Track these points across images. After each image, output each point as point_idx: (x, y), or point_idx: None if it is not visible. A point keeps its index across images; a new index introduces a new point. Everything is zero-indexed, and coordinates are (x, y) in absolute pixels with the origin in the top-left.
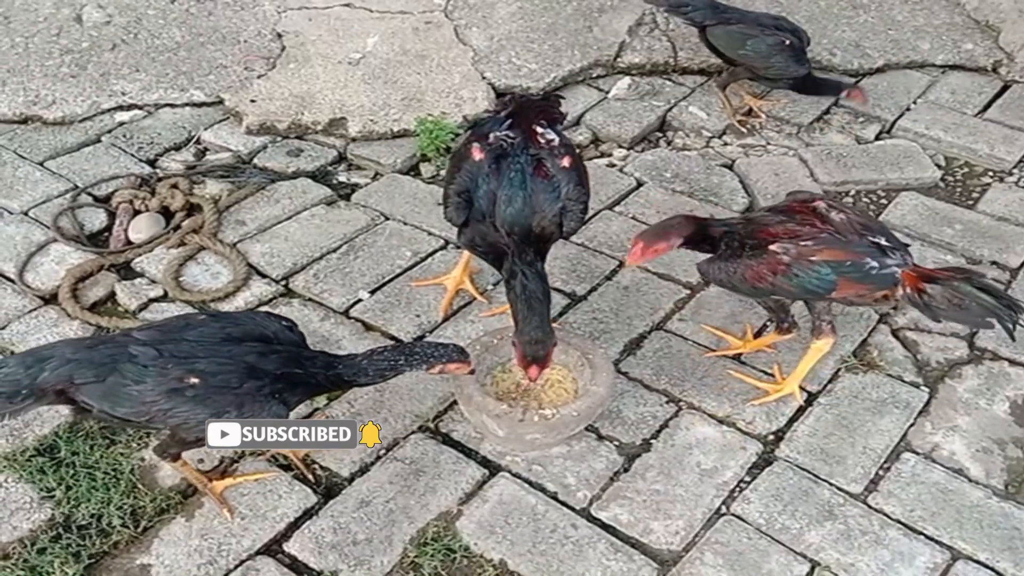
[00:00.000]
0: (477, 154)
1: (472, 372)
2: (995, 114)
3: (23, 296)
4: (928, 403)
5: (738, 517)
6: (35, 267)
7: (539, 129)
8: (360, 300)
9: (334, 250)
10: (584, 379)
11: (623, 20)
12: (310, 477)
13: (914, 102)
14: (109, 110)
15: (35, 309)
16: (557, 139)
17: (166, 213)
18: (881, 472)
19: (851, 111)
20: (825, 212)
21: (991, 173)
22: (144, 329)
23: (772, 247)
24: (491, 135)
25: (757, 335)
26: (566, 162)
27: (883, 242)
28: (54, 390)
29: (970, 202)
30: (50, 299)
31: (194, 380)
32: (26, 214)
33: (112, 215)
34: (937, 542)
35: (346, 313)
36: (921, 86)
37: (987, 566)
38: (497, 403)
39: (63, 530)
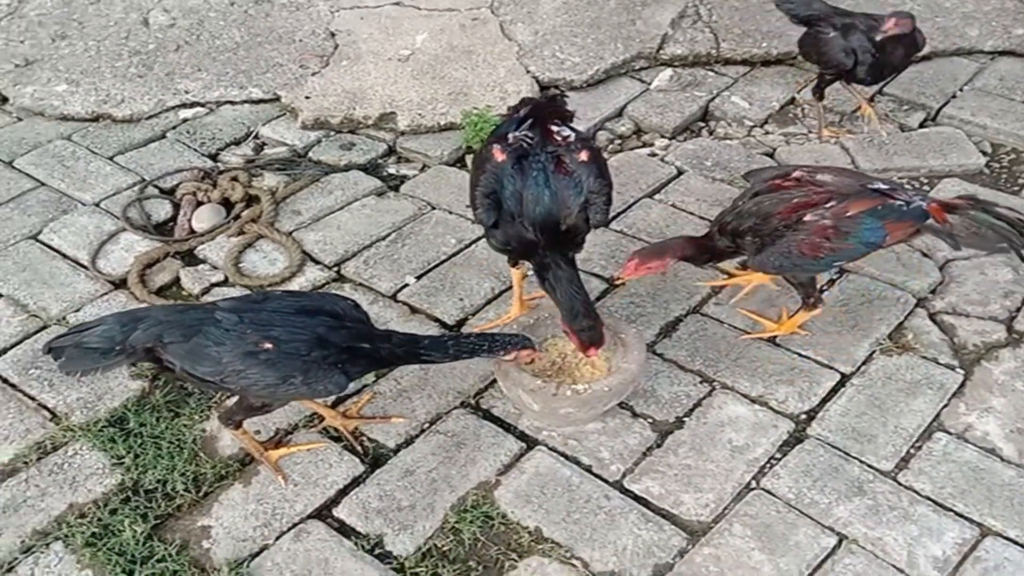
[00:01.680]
0: (499, 155)
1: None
2: None
3: (95, 281)
4: (963, 385)
5: (767, 491)
6: (106, 254)
7: (554, 127)
8: (407, 285)
9: (383, 238)
10: (617, 358)
11: (666, 13)
12: (358, 448)
13: (960, 89)
14: (173, 107)
15: (106, 293)
16: (573, 135)
17: (227, 204)
18: (912, 451)
19: (896, 99)
20: (811, 178)
21: None
22: (228, 300)
23: (806, 218)
24: (510, 135)
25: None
26: (584, 156)
27: (881, 185)
28: (144, 348)
29: (1016, 188)
30: (120, 284)
31: (268, 345)
32: (97, 205)
33: (176, 206)
34: (966, 519)
35: (393, 297)
36: (968, 73)
37: (1017, 543)
38: (532, 379)
39: (132, 494)
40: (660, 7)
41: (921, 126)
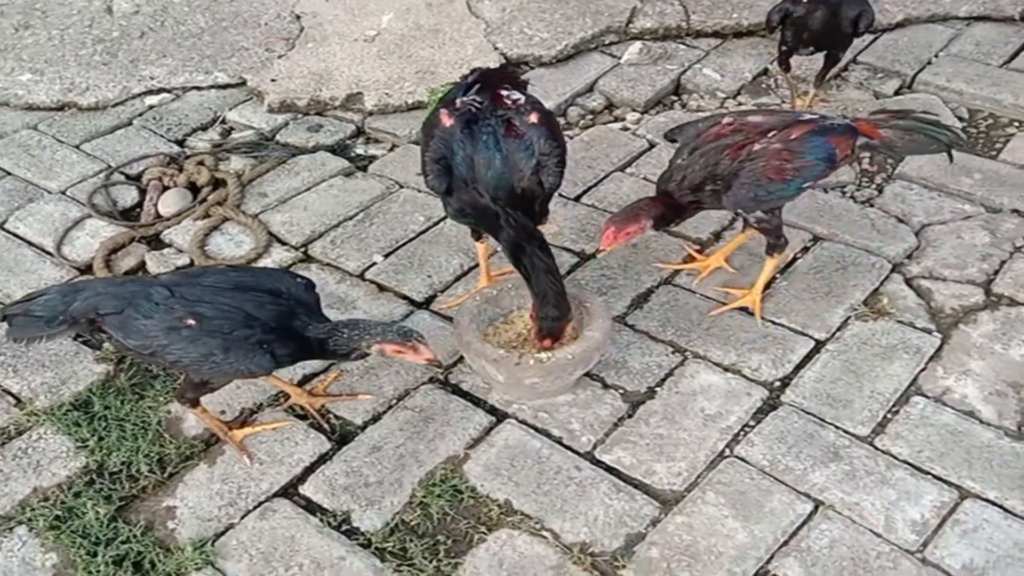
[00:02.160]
0: (447, 120)
1: (428, 361)
2: (1022, 64)
3: (61, 267)
4: (940, 348)
5: (741, 459)
6: (72, 241)
7: (504, 92)
8: (375, 263)
9: (350, 218)
10: (582, 327)
11: None
12: (325, 426)
13: (936, 55)
14: (139, 94)
15: (71, 279)
16: (523, 98)
17: (193, 188)
18: (889, 415)
19: (870, 67)
20: (744, 120)
21: (1017, 123)
22: (168, 274)
23: (755, 148)
24: (457, 100)
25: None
26: (534, 118)
27: (809, 115)
28: (85, 318)
29: (993, 152)
30: (85, 270)
31: (191, 321)
32: (64, 193)
33: (143, 192)
34: (945, 481)
35: (361, 276)
36: (944, 39)
37: (996, 504)
38: (495, 349)
39: (96, 476)
40: None
41: (896, 93)
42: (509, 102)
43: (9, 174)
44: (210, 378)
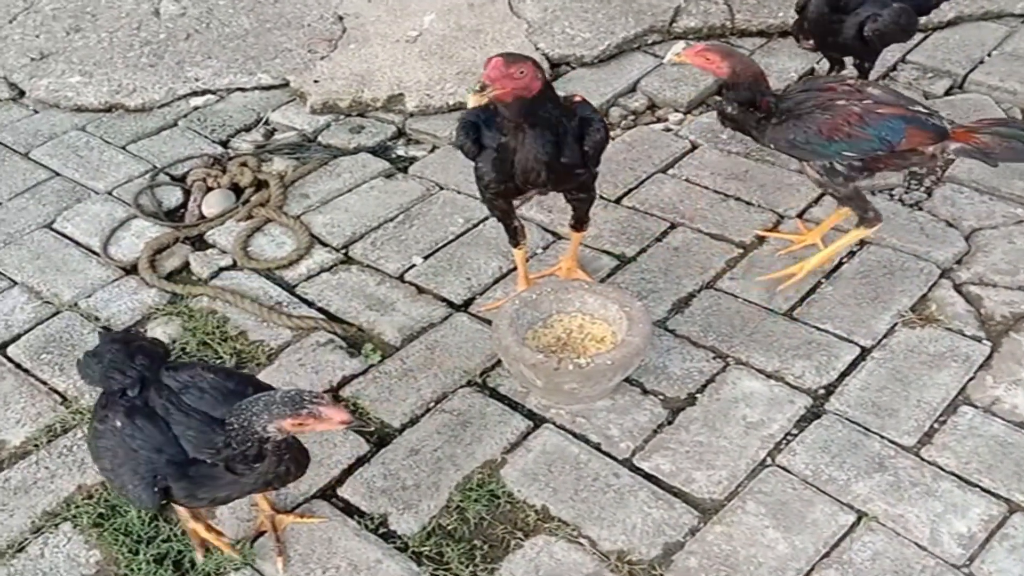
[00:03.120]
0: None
1: (343, 423)
2: None
3: (107, 267)
4: (990, 357)
5: (783, 468)
6: (117, 241)
7: None
8: (414, 265)
9: (391, 219)
10: (622, 332)
11: None
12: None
13: (988, 54)
14: (184, 96)
15: (117, 279)
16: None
17: (236, 189)
18: (936, 425)
19: (919, 66)
20: (861, 88)
21: None
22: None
23: (839, 102)
24: None
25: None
26: (578, 97)
27: (920, 108)
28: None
29: None
30: (130, 270)
31: (117, 423)
32: (110, 193)
33: (187, 192)
34: (993, 494)
35: (400, 278)
36: (997, 37)
37: None
38: (534, 353)
39: None
40: None
41: (947, 94)
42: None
43: (58, 174)
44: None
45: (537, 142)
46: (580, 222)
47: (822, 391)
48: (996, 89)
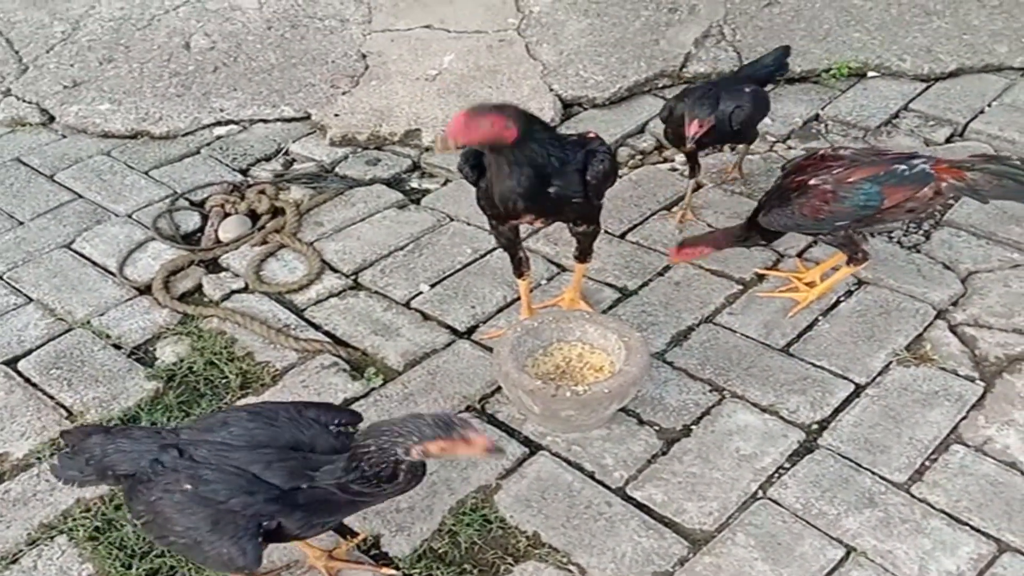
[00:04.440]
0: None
1: (487, 451)
2: None
3: (121, 287)
4: (983, 397)
5: (774, 501)
6: (134, 262)
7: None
8: (421, 292)
9: (401, 248)
10: (620, 362)
11: (689, 32)
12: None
13: (989, 105)
14: (208, 125)
15: (131, 299)
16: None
17: (253, 216)
18: (927, 463)
19: (921, 114)
20: (834, 153)
21: None
22: (193, 425)
23: (811, 182)
24: None
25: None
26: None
27: (898, 158)
28: (112, 474)
29: None
30: (144, 290)
31: (187, 485)
32: (130, 216)
33: (205, 217)
34: (983, 533)
35: (407, 304)
36: (997, 89)
37: None
38: (532, 380)
39: None
40: (684, 27)
41: (947, 141)
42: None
43: (80, 196)
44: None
45: (514, 176)
46: (584, 254)
47: (815, 426)
48: (996, 138)
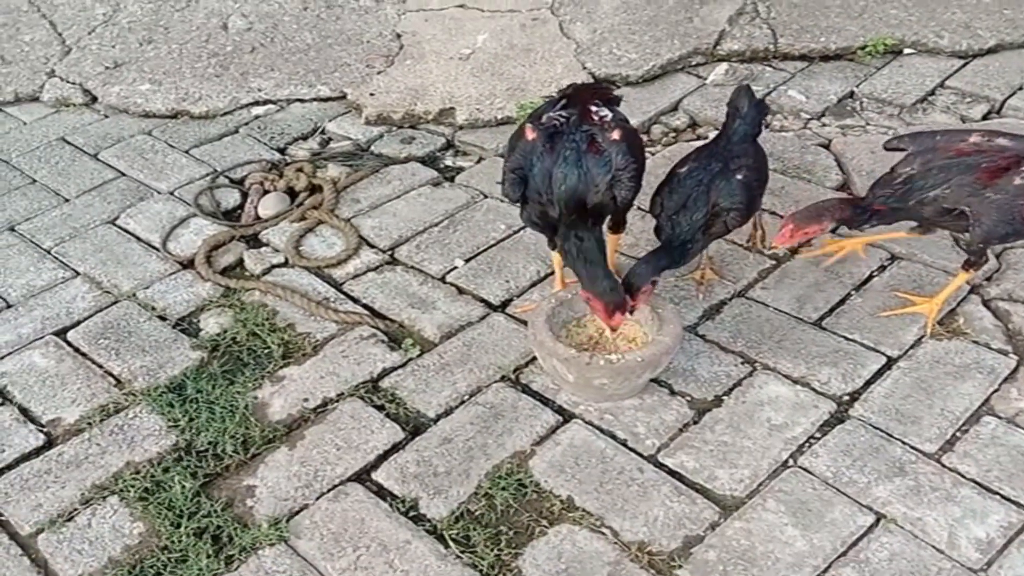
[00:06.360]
0: (530, 134)
1: None
2: None
3: (165, 262)
4: (1015, 371)
5: (805, 469)
6: (176, 238)
7: (593, 107)
8: (455, 267)
9: (436, 224)
10: (653, 333)
11: (724, 10)
12: None
13: None
14: (247, 105)
15: (174, 273)
16: (610, 115)
17: (292, 193)
18: (958, 434)
19: (957, 91)
20: (991, 143)
21: None
22: None
23: (1015, 182)
24: (544, 116)
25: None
26: (616, 135)
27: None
28: None
29: None
30: (187, 264)
31: None
32: (172, 194)
33: (244, 195)
34: (1014, 502)
35: (442, 279)
36: None
37: None
38: (566, 348)
39: (184, 454)
40: (718, 5)
41: (984, 118)
42: (596, 118)
43: (124, 175)
44: None
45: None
46: (618, 225)
47: (847, 397)
48: None
